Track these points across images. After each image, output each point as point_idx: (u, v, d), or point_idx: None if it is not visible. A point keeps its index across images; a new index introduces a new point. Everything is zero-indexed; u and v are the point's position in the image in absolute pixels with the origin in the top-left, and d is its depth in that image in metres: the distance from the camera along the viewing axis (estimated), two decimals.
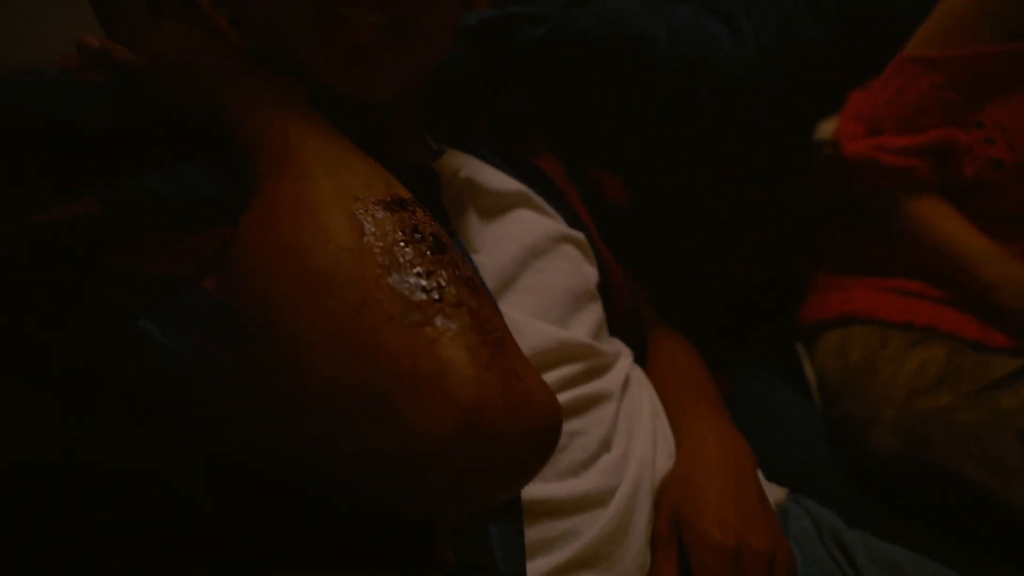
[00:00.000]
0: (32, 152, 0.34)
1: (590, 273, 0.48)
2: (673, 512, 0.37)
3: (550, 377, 0.37)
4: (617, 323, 0.50)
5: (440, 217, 0.38)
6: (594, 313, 0.46)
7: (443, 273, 0.24)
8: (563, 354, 0.39)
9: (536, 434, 0.24)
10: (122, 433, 0.30)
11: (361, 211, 0.25)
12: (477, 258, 0.39)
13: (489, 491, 0.24)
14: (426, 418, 0.21)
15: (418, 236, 0.25)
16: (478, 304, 0.24)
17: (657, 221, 0.67)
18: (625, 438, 0.39)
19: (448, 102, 0.52)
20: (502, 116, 0.55)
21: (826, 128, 0.79)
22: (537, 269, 0.43)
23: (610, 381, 0.42)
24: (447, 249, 0.26)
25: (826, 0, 0.73)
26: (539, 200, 0.48)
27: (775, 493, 0.46)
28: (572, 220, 0.50)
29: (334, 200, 0.25)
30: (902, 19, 0.82)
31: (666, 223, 0.68)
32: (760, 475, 0.44)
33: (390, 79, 0.37)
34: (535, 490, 0.32)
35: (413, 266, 0.23)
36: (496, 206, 0.44)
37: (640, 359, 0.51)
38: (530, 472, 0.25)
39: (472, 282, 0.25)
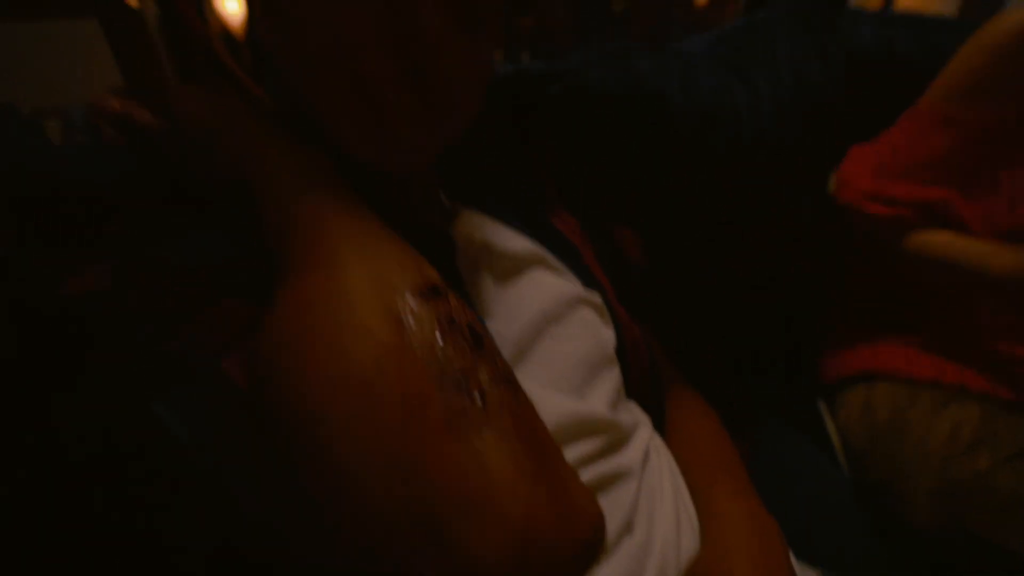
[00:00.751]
0: (45, 219, 0.33)
1: (607, 336, 0.46)
2: None
3: (569, 454, 0.35)
4: (634, 385, 0.49)
5: (454, 281, 0.38)
6: (612, 379, 0.44)
7: (484, 372, 0.23)
8: (581, 429, 0.37)
9: (584, 546, 0.23)
10: (131, 511, 0.28)
11: (399, 303, 0.24)
12: (492, 325, 0.38)
13: None
14: (480, 543, 0.20)
15: (457, 330, 0.24)
16: (518, 404, 0.23)
17: (675, 276, 0.66)
18: (647, 519, 0.37)
19: (464, 157, 0.52)
20: (517, 172, 0.55)
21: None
22: (552, 336, 0.41)
23: (630, 456, 0.40)
24: (483, 341, 0.25)
25: (840, 60, 0.75)
26: (554, 260, 0.46)
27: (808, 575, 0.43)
28: (587, 280, 0.49)
29: (371, 293, 0.24)
30: (908, 67, 0.83)
31: (684, 277, 0.66)
32: (791, 556, 0.41)
33: (420, 154, 0.36)
34: None
35: (454, 365, 0.22)
36: (511, 269, 0.43)
37: (658, 420, 0.49)
38: (578, 572, 0.24)
39: (510, 378, 0.25)
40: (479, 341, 0.25)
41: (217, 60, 0.44)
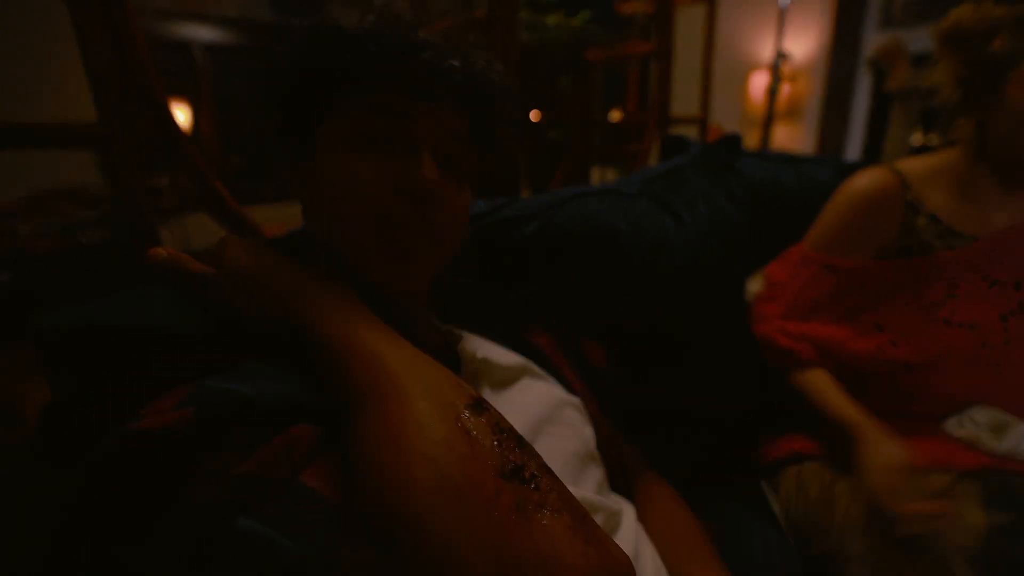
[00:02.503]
0: (118, 362, 0.37)
1: (589, 434, 0.54)
2: None
3: None
4: (614, 476, 0.56)
5: None
6: (597, 472, 0.52)
7: (532, 463, 0.30)
8: None
9: None
10: None
11: (462, 419, 0.30)
12: None
13: None
14: None
15: (504, 433, 0.31)
16: (559, 486, 0.30)
17: (634, 378, 0.75)
18: None
19: (453, 288, 0.61)
20: (498, 298, 0.64)
21: (753, 284, 0.95)
22: (548, 435, 0.49)
23: (622, 537, 0.46)
24: (524, 440, 0.31)
25: (741, 193, 0.94)
26: (539, 370, 0.55)
27: None
28: (567, 386, 0.57)
29: (440, 415, 0.30)
30: (792, 203, 1.04)
31: (640, 381, 0.76)
32: None
33: (425, 273, 0.46)
34: None
35: (510, 462, 0.29)
36: (507, 379, 0.52)
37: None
38: None
39: (547, 466, 0.31)
40: (521, 440, 0.31)
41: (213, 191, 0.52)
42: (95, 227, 1.58)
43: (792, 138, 2.35)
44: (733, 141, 1.00)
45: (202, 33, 2.98)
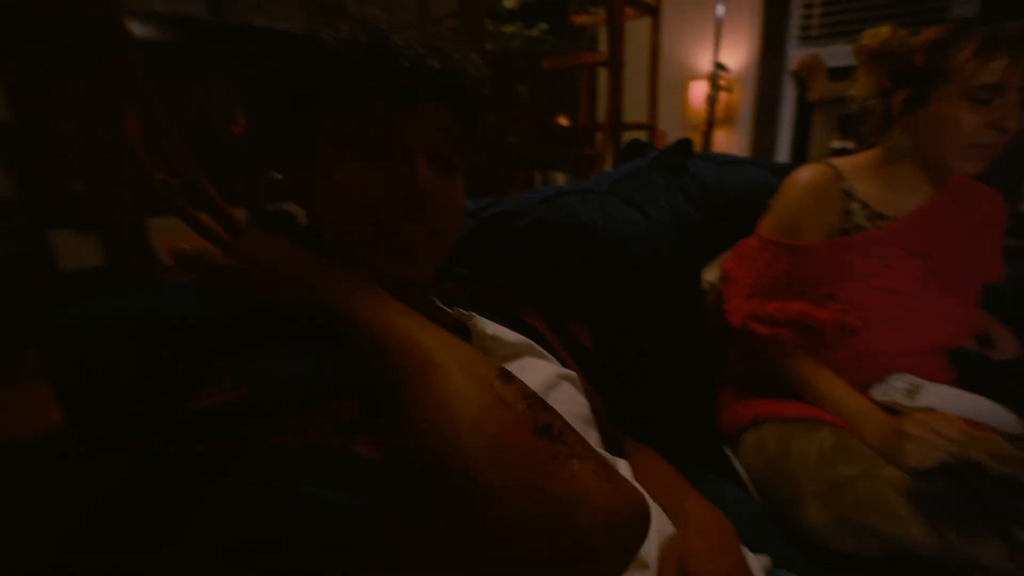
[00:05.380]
0: (164, 347, 0.41)
1: (584, 403, 0.61)
2: (679, 571, 0.47)
3: None
4: (607, 442, 0.63)
5: None
6: (594, 435, 0.59)
7: (558, 421, 0.34)
8: None
9: (641, 514, 0.34)
10: None
11: (496, 388, 0.34)
12: None
13: (625, 556, 0.33)
14: (588, 522, 0.30)
15: (531, 399, 0.35)
16: (582, 440, 0.35)
17: (612, 357, 0.84)
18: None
19: (457, 277, 0.67)
20: (496, 286, 0.71)
21: (709, 273, 1.06)
22: (553, 400, 0.55)
23: None
24: (548, 403, 0.35)
25: (694, 191, 1.06)
26: (539, 348, 0.62)
27: (761, 560, 0.58)
28: (563, 363, 0.64)
29: (476, 386, 0.33)
30: (736, 199, 1.16)
31: (620, 358, 0.85)
32: (743, 547, 0.56)
33: (428, 264, 0.51)
34: None
35: (541, 421, 0.33)
36: (512, 354, 0.58)
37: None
38: (641, 540, 0.35)
39: (568, 424, 0.35)
40: (545, 404, 0.36)
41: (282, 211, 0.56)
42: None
43: (729, 142, 2.56)
44: (685, 145, 1.11)
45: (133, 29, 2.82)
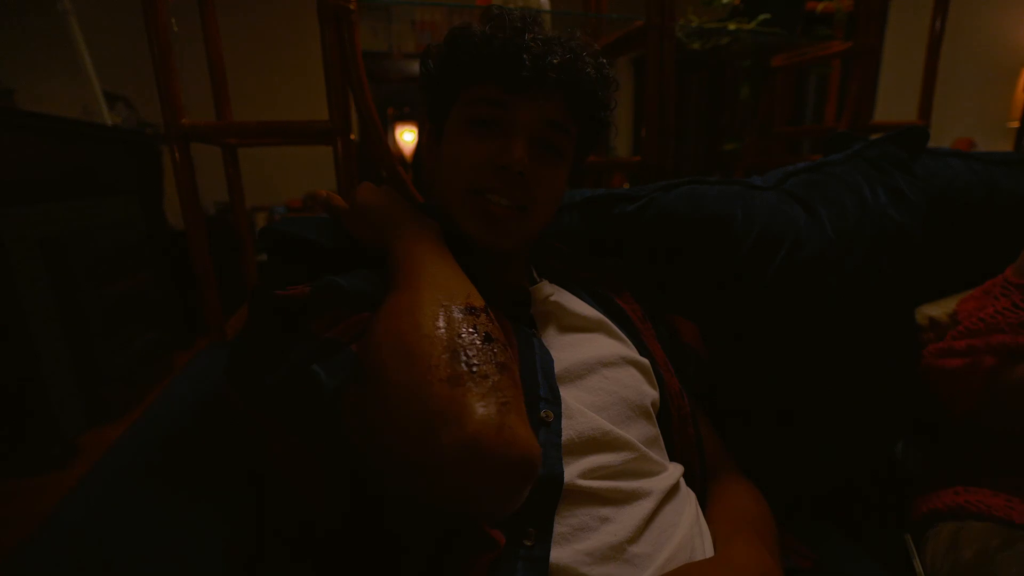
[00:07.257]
0: (290, 255, 0.55)
1: (648, 392, 0.55)
2: None
3: (592, 461, 0.45)
4: (677, 452, 0.55)
5: (530, 325, 0.53)
6: (646, 428, 0.53)
7: (483, 356, 0.36)
8: (605, 443, 0.46)
9: (515, 462, 0.33)
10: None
11: (446, 312, 0.38)
12: (555, 353, 0.51)
13: (485, 495, 0.33)
14: (449, 440, 0.32)
15: (475, 331, 0.38)
16: (500, 379, 0.35)
17: (732, 378, 0.71)
18: (654, 539, 0.43)
19: (558, 253, 0.67)
20: (595, 264, 0.68)
21: (923, 313, 0.80)
22: (603, 376, 0.53)
23: (652, 484, 0.47)
24: (494, 342, 0.38)
25: (916, 195, 0.80)
26: (616, 329, 0.58)
27: None
28: (642, 350, 0.58)
29: (428, 306, 0.39)
30: (990, 212, 0.84)
31: (742, 382, 0.71)
32: None
33: (511, 237, 0.54)
34: (560, 555, 0.40)
35: (466, 350, 0.36)
36: (577, 326, 0.57)
37: (699, 491, 0.55)
38: (513, 490, 0.34)
39: (503, 366, 0.37)
40: (489, 340, 0.37)
41: (395, 173, 0.67)
42: None
43: None
44: (913, 135, 0.85)
45: None
